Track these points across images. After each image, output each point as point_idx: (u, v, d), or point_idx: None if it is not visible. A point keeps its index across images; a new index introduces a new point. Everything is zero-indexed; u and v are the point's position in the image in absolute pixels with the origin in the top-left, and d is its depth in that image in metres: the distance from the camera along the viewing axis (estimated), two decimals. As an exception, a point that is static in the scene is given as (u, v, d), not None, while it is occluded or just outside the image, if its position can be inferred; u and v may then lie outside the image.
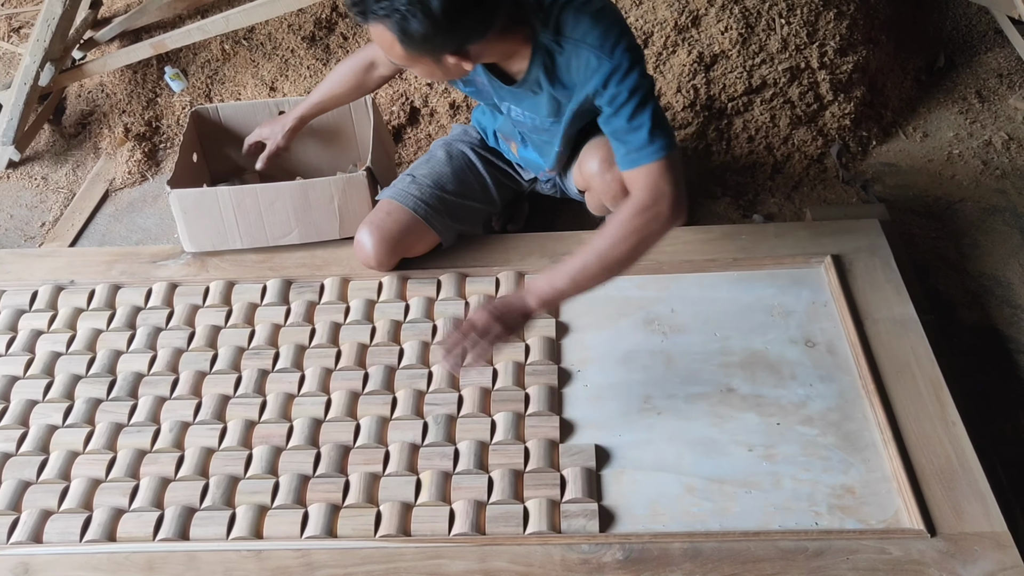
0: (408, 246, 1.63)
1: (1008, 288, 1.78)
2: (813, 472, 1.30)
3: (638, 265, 1.60)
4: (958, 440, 1.31)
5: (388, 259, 1.62)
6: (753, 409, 1.39)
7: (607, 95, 1.29)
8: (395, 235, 1.59)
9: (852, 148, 2.14)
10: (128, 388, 1.47)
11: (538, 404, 1.40)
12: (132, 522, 1.28)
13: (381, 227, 1.59)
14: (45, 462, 1.38)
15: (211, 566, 1.22)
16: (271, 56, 2.32)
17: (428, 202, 1.61)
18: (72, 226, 2.09)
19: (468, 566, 1.20)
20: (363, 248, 1.61)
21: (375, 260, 1.61)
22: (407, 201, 1.60)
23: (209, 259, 1.70)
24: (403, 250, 1.63)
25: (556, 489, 1.28)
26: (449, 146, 1.70)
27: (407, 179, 1.65)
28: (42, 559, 1.24)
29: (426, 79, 1.24)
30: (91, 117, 2.35)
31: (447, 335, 1.37)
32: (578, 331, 1.54)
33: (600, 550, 1.21)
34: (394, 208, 1.60)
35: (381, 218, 1.60)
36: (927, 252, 1.86)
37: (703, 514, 1.26)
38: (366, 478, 1.31)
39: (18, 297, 1.66)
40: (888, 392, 1.38)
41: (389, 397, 1.43)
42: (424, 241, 1.64)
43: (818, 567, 1.17)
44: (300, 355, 1.51)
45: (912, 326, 1.48)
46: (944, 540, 1.19)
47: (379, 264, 1.62)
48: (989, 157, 2.11)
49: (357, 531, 1.25)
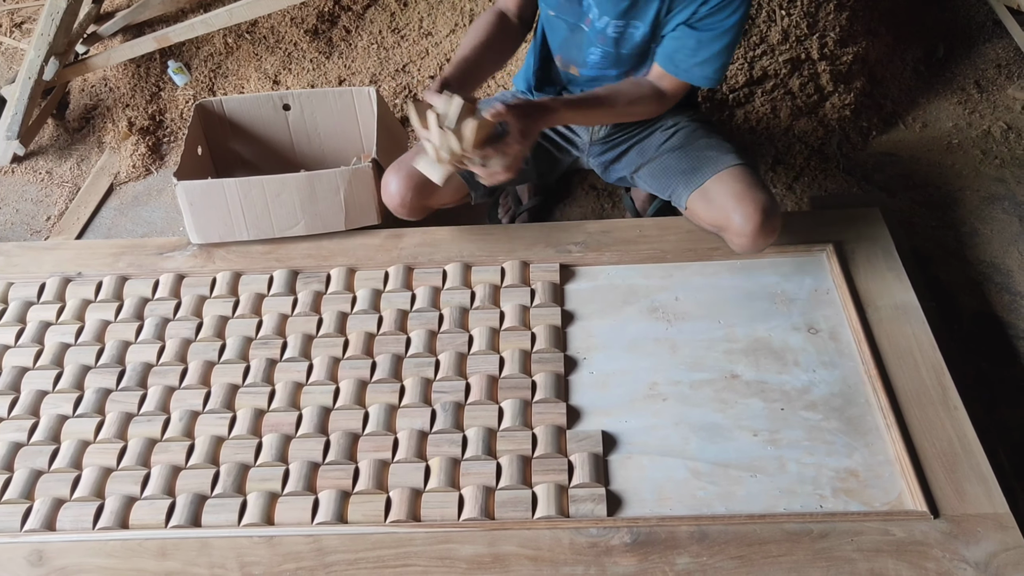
0: (434, 189, 1.55)
1: (1007, 275, 1.79)
2: (817, 456, 1.32)
3: (642, 254, 1.63)
4: (960, 424, 1.33)
5: (414, 201, 1.56)
6: (757, 395, 1.41)
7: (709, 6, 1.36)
8: (421, 175, 1.50)
9: (852, 138, 2.15)
10: (137, 378, 1.49)
11: (545, 391, 1.41)
12: (144, 509, 1.29)
13: (407, 165, 1.55)
14: (56, 451, 1.39)
15: (223, 552, 1.24)
16: (274, 49, 2.33)
17: None
18: (77, 220, 2.10)
19: (477, 550, 1.22)
20: (387, 188, 1.57)
21: (399, 199, 1.57)
22: None
23: (215, 250, 1.71)
24: (429, 194, 1.57)
25: (564, 474, 1.30)
26: (490, 103, 1.68)
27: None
28: (56, 546, 1.25)
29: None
30: (95, 111, 2.36)
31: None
32: (584, 319, 1.55)
33: (608, 534, 1.23)
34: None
35: (410, 157, 1.56)
36: (927, 240, 1.88)
37: (709, 498, 1.27)
38: (375, 465, 1.32)
39: (26, 289, 1.67)
40: (890, 377, 1.40)
41: (397, 385, 1.45)
42: (452, 189, 1.60)
43: (823, 549, 1.19)
44: (308, 344, 1.53)
45: (913, 313, 1.50)
46: (947, 521, 1.21)
47: (403, 204, 1.57)
48: (988, 146, 2.12)
49: (367, 517, 1.27)
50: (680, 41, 1.42)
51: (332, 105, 1.94)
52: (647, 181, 1.65)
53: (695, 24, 1.40)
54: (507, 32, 1.56)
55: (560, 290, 1.60)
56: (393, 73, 2.27)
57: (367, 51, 2.31)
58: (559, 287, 1.60)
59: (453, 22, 2.28)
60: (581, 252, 1.65)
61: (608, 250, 1.65)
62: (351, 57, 2.31)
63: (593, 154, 1.70)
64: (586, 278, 1.63)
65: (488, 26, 1.53)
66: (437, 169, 1.35)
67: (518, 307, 1.56)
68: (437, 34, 2.28)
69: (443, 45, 2.27)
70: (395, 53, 2.29)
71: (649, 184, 1.65)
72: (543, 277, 1.61)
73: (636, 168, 1.66)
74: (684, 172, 1.56)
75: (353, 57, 2.31)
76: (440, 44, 2.27)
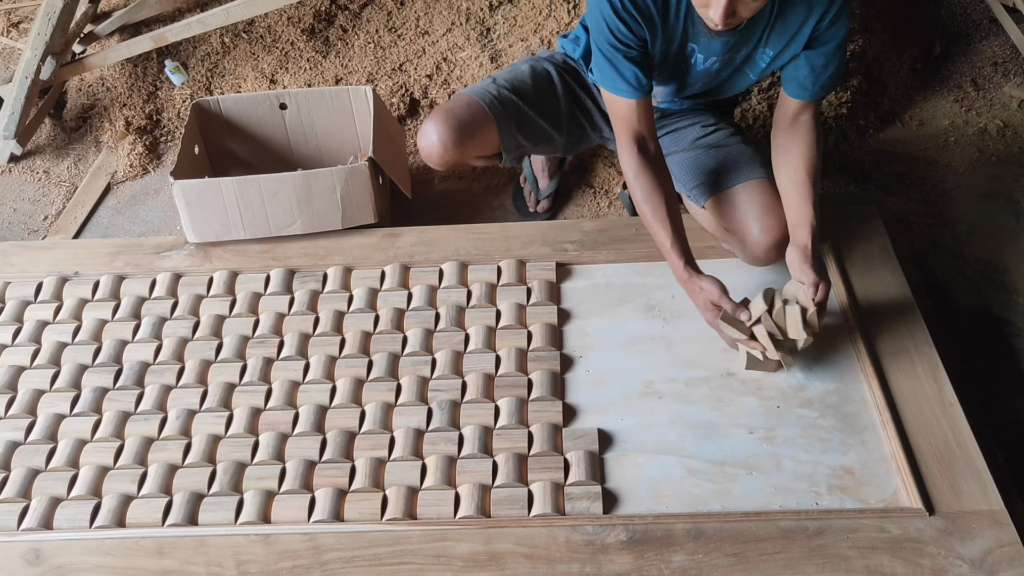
0: (473, 137, 1.58)
1: (1004, 273, 1.80)
2: (813, 453, 1.32)
3: (638, 252, 1.64)
4: (955, 421, 1.33)
5: (454, 144, 1.57)
6: (753, 393, 1.41)
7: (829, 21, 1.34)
8: (466, 121, 1.56)
9: (849, 136, 2.15)
10: (134, 377, 1.49)
11: (541, 389, 1.41)
12: (141, 508, 1.29)
13: (452, 111, 1.57)
14: (54, 450, 1.39)
15: (220, 550, 1.24)
16: (271, 49, 2.33)
17: (504, 103, 1.60)
18: (75, 219, 2.10)
19: (473, 548, 1.22)
20: (427, 135, 1.58)
21: (440, 144, 1.57)
22: (484, 97, 1.60)
23: (212, 250, 1.71)
24: (467, 139, 1.57)
25: (560, 472, 1.30)
26: (536, 62, 1.69)
27: (488, 80, 1.65)
28: (53, 545, 1.25)
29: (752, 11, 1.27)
30: (92, 111, 2.36)
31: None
32: (579, 317, 1.55)
33: (604, 531, 1.23)
34: (471, 101, 1.59)
35: (453, 105, 1.59)
36: (924, 238, 1.88)
37: (705, 495, 1.28)
38: (372, 463, 1.33)
39: (23, 289, 1.67)
40: (886, 375, 1.40)
41: (393, 384, 1.45)
42: (486, 141, 1.61)
43: (819, 546, 1.19)
44: (304, 343, 1.53)
45: (910, 311, 1.50)
46: (942, 518, 1.21)
47: (444, 148, 1.57)
48: (985, 144, 2.13)
49: (364, 515, 1.27)
50: (807, 67, 1.41)
51: (329, 104, 1.94)
52: (670, 169, 1.66)
53: (817, 42, 1.38)
54: (655, 164, 1.47)
55: (556, 288, 1.60)
56: (390, 72, 2.27)
57: (364, 50, 2.31)
58: (555, 285, 1.61)
59: (450, 21, 2.28)
60: (577, 250, 1.65)
61: (604, 248, 1.65)
62: (348, 56, 2.31)
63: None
64: (582, 276, 1.63)
65: (655, 179, 1.44)
66: (775, 357, 1.39)
67: (514, 305, 1.56)
68: (434, 33, 2.28)
69: (440, 44, 2.27)
70: (392, 52, 2.29)
71: (672, 172, 1.65)
72: (539, 276, 1.61)
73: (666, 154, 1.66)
74: (712, 173, 1.57)
75: (350, 56, 2.31)
76: (437, 43, 2.28)
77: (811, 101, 1.45)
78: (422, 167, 2.13)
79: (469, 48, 2.25)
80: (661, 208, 1.43)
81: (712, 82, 1.53)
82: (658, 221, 1.43)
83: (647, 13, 1.35)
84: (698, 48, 1.42)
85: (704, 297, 1.41)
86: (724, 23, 1.23)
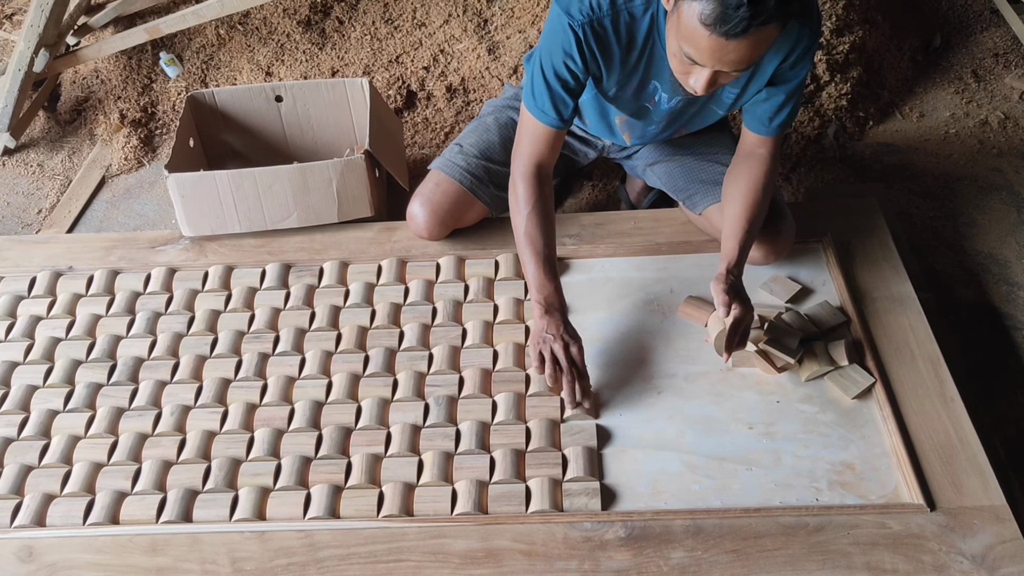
0: (457, 216, 1.64)
1: (1005, 266, 1.78)
2: (813, 449, 1.31)
3: (637, 246, 1.62)
4: (956, 416, 1.32)
5: (439, 230, 1.64)
6: (752, 388, 1.40)
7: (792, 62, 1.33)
8: (444, 207, 1.61)
9: (849, 128, 2.14)
10: (128, 373, 1.47)
11: (538, 384, 1.40)
12: (135, 505, 1.28)
13: (431, 199, 1.61)
14: (47, 447, 1.38)
15: (214, 547, 1.23)
16: (266, 40, 2.31)
17: (474, 173, 1.61)
18: (69, 213, 2.08)
19: (471, 545, 1.21)
20: (415, 220, 1.64)
21: (426, 231, 1.64)
22: (454, 173, 1.61)
23: (207, 244, 1.70)
24: (453, 221, 1.64)
25: (558, 468, 1.29)
26: (499, 112, 1.69)
27: (455, 149, 1.65)
28: (46, 542, 1.24)
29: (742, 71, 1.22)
30: (86, 103, 2.34)
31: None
32: (578, 312, 1.54)
33: (602, 528, 1.22)
34: (442, 180, 1.61)
35: (430, 189, 1.62)
36: (924, 231, 1.87)
37: (704, 491, 1.27)
38: (368, 459, 1.31)
39: (17, 283, 1.66)
40: (887, 369, 1.39)
41: (390, 379, 1.44)
42: (473, 211, 1.65)
43: (819, 542, 1.18)
44: (300, 338, 1.52)
45: (910, 304, 1.49)
46: (943, 514, 1.20)
47: (430, 235, 1.65)
48: (985, 136, 2.11)
49: (360, 512, 1.26)
50: (770, 102, 1.40)
51: (325, 96, 1.93)
52: (661, 177, 1.64)
53: (780, 79, 1.37)
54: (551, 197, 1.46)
55: (554, 282, 1.59)
56: (386, 64, 2.26)
57: (360, 42, 2.29)
58: (553, 279, 1.59)
59: (447, 12, 2.26)
60: (576, 245, 1.64)
61: (603, 243, 1.64)
62: (344, 48, 2.29)
63: (612, 151, 1.70)
64: (581, 271, 1.62)
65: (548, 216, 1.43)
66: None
67: (512, 300, 1.55)
68: (430, 25, 2.27)
69: (436, 36, 2.25)
70: (388, 44, 2.28)
71: (663, 181, 1.64)
72: (537, 269, 1.60)
73: (653, 162, 1.65)
74: (707, 183, 1.57)
75: (346, 48, 2.29)
76: (434, 35, 2.26)
77: (768, 137, 1.43)
78: (419, 160, 2.12)
79: (466, 40, 2.24)
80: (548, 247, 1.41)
81: (678, 120, 1.52)
82: (540, 261, 1.40)
83: (608, 49, 1.34)
84: (661, 87, 1.41)
85: (544, 333, 1.36)
86: (705, 92, 1.22)
